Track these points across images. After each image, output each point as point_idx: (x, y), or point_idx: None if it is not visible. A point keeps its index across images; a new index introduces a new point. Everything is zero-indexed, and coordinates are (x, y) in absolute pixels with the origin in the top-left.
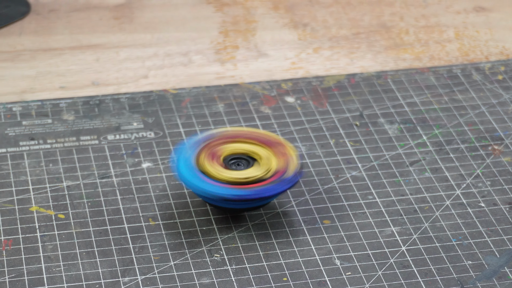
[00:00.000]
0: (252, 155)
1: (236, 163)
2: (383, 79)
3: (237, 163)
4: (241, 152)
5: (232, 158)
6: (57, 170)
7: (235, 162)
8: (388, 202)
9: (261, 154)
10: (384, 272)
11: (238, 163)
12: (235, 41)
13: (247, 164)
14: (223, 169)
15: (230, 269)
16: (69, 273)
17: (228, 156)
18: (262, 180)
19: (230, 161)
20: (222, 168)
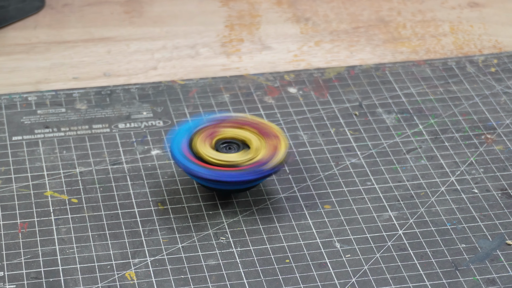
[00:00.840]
0: (246, 142)
1: (228, 147)
2: (381, 71)
3: (228, 147)
4: (237, 137)
5: (226, 141)
6: (70, 157)
7: (227, 146)
8: (386, 188)
9: (254, 143)
10: (381, 254)
11: (229, 147)
12: (240, 34)
13: (237, 150)
14: (208, 149)
15: (235, 251)
16: (82, 255)
17: (222, 139)
18: (236, 166)
19: (222, 144)
20: (209, 148)
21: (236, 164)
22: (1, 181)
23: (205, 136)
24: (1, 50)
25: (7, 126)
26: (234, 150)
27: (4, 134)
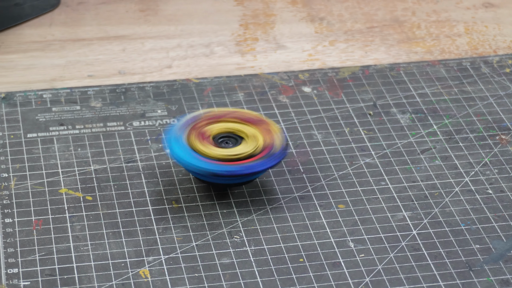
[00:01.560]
0: (238, 133)
1: (225, 141)
2: (395, 71)
3: (225, 141)
4: (228, 131)
5: (220, 137)
6: (85, 154)
7: (224, 141)
8: (400, 188)
9: (247, 132)
10: (395, 254)
11: (226, 141)
12: (255, 33)
13: (235, 142)
14: (215, 147)
15: (249, 250)
16: (96, 252)
17: (216, 135)
18: (252, 156)
19: (219, 139)
20: (214, 147)
21: (249, 154)
22: (16, 178)
23: (198, 137)
24: (17, 47)
25: (22, 123)
26: (232, 143)
27: (19, 131)
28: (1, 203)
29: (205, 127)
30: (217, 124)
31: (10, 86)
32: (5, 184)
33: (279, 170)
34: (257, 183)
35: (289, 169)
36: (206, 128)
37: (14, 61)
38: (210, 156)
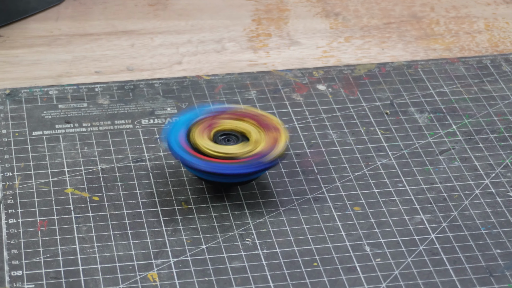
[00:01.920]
0: (246, 135)
1: (226, 139)
2: (413, 68)
3: (227, 139)
4: (236, 129)
5: (224, 133)
6: (92, 153)
7: (225, 138)
8: (418, 190)
9: (253, 135)
10: (413, 259)
11: (228, 138)
12: (268, 29)
13: (236, 142)
14: (207, 141)
15: (261, 253)
16: (103, 254)
17: (221, 131)
18: (235, 159)
19: (221, 136)
20: (207, 140)
21: (234, 156)
22: (21, 178)
23: (203, 127)
24: (22, 42)
25: (27, 120)
26: (233, 142)
27: (24, 129)
28: (5, 203)
29: (221, 120)
30: (233, 121)
31: (15, 82)
32: (9, 183)
33: (292, 171)
34: (269, 184)
35: (303, 169)
36: (220, 122)
37: (19, 56)
38: (197, 148)
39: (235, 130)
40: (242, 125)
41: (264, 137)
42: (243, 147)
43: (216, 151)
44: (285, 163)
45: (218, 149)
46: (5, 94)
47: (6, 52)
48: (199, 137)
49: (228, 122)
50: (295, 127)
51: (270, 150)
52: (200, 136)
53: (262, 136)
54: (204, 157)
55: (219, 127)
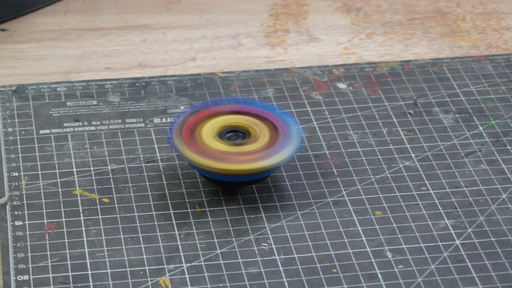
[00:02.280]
0: (249, 130)
1: (234, 137)
2: (438, 66)
3: (234, 137)
4: (242, 125)
5: (231, 130)
6: (101, 153)
7: (233, 135)
8: (442, 194)
9: (257, 130)
10: (437, 266)
11: (235, 136)
12: (286, 24)
13: (243, 138)
14: (219, 143)
15: (278, 259)
16: (113, 259)
17: (227, 127)
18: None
19: (227, 133)
20: (221, 143)
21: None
22: (27, 178)
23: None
24: (29, 36)
25: (34, 118)
26: (240, 139)
27: (31, 127)
28: (11, 204)
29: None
30: (234, 116)
31: (21, 78)
32: (16, 184)
33: (311, 173)
34: (287, 186)
35: (322, 171)
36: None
37: (26, 51)
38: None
39: (241, 126)
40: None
41: (267, 130)
42: (254, 144)
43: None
44: (304, 165)
45: (232, 149)
46: (11, 90)
47: (12, 47)
48: (208, 137)
49: (232, 118)
50: (314, 127)
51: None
52: (209, 136)
53: (265, 130)
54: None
55: (224, 123)
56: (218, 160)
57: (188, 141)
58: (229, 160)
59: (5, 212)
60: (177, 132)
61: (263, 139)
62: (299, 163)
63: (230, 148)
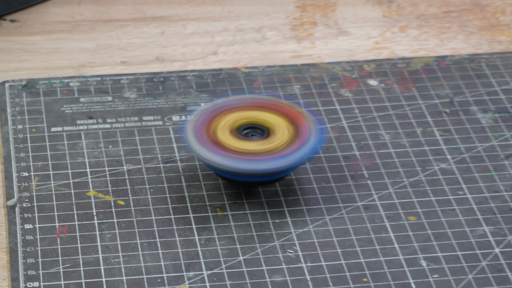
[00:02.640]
0: (269, 127)
1: (251, 133)
2: (476, 62)
3: (251, 133)
4: (260, 122)
5: (248, 127)
6: (117, 152)
7: (250, 132)
8: (481, 199)
9: (278, 127)
10: (475, 276)
11: (252, 133)
12: (313, 16)
13: (262, 136)
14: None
15: (304, 266)
16: (129, 265)
17: (244, 124)
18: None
19: (244, 129)
20: (235, 140)
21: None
22: (38, 178)
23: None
24: (40, 28)
25: (46, 115)
26: (258, 137)
27: (42, 124)
28: (21, 206)
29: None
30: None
31: (32, 73)
32: (26, 184)
33: (340, 176)
34: (314, 189)
35: (352, 174)
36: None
37: (37, 44)
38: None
39: (260, 123)
40: (265, 116)
41: (286, 127)
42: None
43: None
44: (332, 167)
45: (250, 147)
46: (21, 85)
47: (22, 39)
48: (225, 134)
49: (251, 114)
50: (343, 126)
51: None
52: (226, 134)
53: (284, 127)
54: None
55: (242, 120)
56: (235, 160)
57: (203, 140)
58: (246, 160)
59: (14, 214)
60: (191, 131)
61: (282, 136)
62: (327, 164)
63: (248, 146)
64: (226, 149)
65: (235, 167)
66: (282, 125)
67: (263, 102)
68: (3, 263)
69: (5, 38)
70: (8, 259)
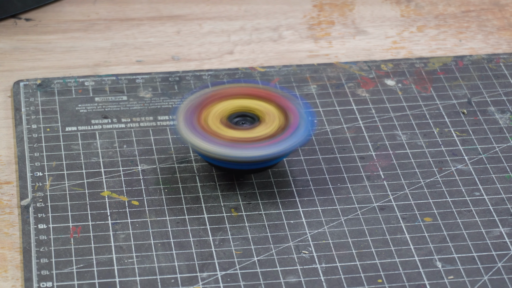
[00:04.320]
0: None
1: (241, 122)
2: (494, 63)
3: (242, 122)
4: (250, 110)
5: (240, 115)
6: (131, 152)
7: (241, 120)
8: (497, 200)
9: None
10: (490, 277)
11: (242, 121)
12: (331, 16)
13: (252, 123)
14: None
15: (319, 267)
16: (142, 266)
17: (236, 112)
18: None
19: (235, 117)
20: (228, 129)
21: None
22: (52, 178)
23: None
24: (56, 27)
25: (60, 114)
26: (248, 124)
27: (57, 124)
28: (35, 206)
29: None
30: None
31: (47, 72)
32: (40, 184)
33: (355, 176)
34: (329, 190)
35: (368, 174)
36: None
37: (52, 43)
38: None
39: (250, 111)
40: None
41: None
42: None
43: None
44: (348, 167)
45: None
46: (36, 84)
47: (37, 38)
48: (215, 122)
49: (240, 102)
50: (360, 126)
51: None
52: (216, 121)
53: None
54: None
55: (233, 109)
56: (226, 148)
57: (194, 128)
58: (237, 147)
59: (28, 214)
60: (182, 117)
61: (273, 124)
62: (343, 165)
63: (238, 134)
64: (217, 137)
65: (226, 155)
66: (273, 113)
67: (253, 90)
68: (16, 263)
69: (20, 37)
70: (21, 259)
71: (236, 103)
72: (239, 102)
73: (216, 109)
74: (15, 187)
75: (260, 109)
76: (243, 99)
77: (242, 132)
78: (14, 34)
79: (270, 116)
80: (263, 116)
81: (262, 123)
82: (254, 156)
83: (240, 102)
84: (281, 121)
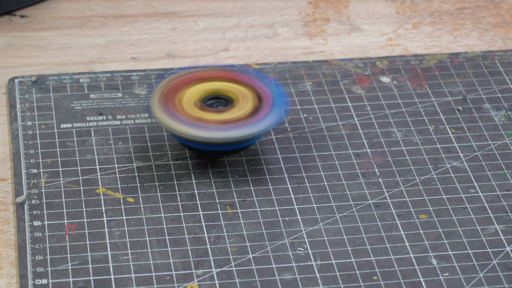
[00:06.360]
0: (232, 97)
1: (215, 104)
2: (490, 60)
3: (215, 104)
4: (224, 92)
5: (213, 97)
6: (126, 149)
7: (215, 102)
8: (492, 197)
9: (240, 96)
10: (485, 274)
11: (216, 104)
12: (326, 13)
13: (226, 105)
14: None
15: (314, 264)
16: (137, 263)
17: (209, 95)
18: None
19: (209, 100)
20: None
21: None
22: (47, 175)
23: (191, 93)
24: (50, 23)
25: (55, 111)
26: (222, 106)
27: (52, 121)
28: (30, 203)
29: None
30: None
31: (42, 68)
32: (34, 181)
33: (351, 173)
34: (325, 187)
35: (363, 171)
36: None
37: (47, 40)
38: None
39: (224, 94)
40: (229, 87)
41: (251, 98)
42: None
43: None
44: (343, 164)
45: (211, 116)
46: (31, 81)
47: (32, 34)
48: (189, 103)
49: (215, 84)
50: (355, 123)
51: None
52: (190, 103)
53: (249, 98)
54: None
55: (207, 91)
56: (194, 127)
57: (168, 110)
58: (206, 128)
59: (23, 211)
60: (157, 97)
61: (245, 108)
62: (338, 162)
63: (210, 116)
64: (191, 118)
65: (199, 136)
66: (246, 96)
67: (227, 73)
68: (11, 260)
69: (15, 34)
70: (16, 256)
71: (210, 86)
72: (213, 84)
73: (190, 92)
74: (10, 184)
75: (234, 92)
76: (217, 82)
77: (215, 114)
78: (9, 31)
79: (243, 98)
80: (236, 99)
81: (235, 105)
82: (225, 137)
83: (214, 84)
84: (254, 103)
